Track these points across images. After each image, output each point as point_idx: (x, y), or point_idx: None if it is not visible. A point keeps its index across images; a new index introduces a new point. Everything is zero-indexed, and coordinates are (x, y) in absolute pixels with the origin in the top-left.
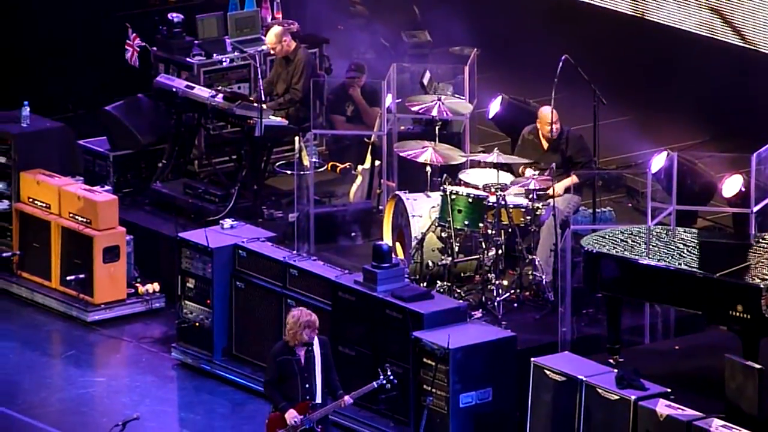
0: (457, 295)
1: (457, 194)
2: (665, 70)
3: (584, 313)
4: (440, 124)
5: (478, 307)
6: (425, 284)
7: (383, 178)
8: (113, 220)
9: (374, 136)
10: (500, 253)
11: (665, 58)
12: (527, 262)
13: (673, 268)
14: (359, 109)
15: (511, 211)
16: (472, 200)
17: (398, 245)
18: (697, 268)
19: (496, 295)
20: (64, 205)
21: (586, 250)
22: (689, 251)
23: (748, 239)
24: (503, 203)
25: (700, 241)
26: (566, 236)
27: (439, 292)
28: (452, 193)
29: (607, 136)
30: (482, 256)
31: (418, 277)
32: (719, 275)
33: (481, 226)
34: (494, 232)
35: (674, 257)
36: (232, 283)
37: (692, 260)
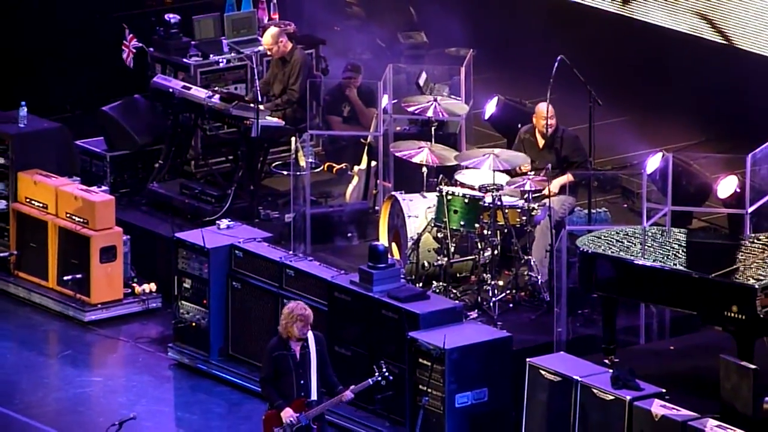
0: (452, 295)
1: (453, 195)
2: (661, 71)
3: (579, 313)
4: (436, 124)
5: (473, 307)
6: (421, 284)
7: (379, 178)
8: (110, 220)
9: (370, 136)
10: (496, 253)
11: (660, 59)
12: (523, 262)
13: (668, 268)
14: (355, 109)
15: (506, 211)
16: (468, 201)
17: (394, 246)
18: (691, 268)
19: (491, 295)
20: (61, 205)
21: (581, 250)
22: (684, 252)
23: (742, 240)
24: (499, 204)
25: (694, 241)
26: (562, 237)
27: (434, 292)
28: (448, 193)
29: (602, 136)
30: (478, 256)
31: (414, 277)
32: (714, 276)
33: (476, 226)
34: (490, 232)
35: (669, 258)
36: (228, 283)
37: (687, 261)
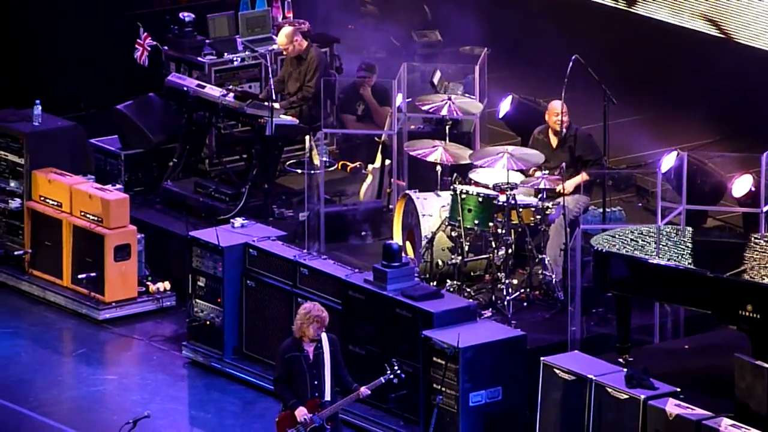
0: (466, 294)
1: (467, 193)
2: (675, 70)
3: (594, 312)
4: (450, 123)
5: (487, 306)
6: (435, 283)
7: (393, 177)
8: (124, 218)
9: (384, 135)
10: (510, 252)
11: (675, 58)
12: (537, 261)
13: (682, 267)
14: (370, 108)
15: (521, 210)
16: (482, 199)
17: (408, 244)
18: (704, 267)
19: (505, 294)
20: (75, 203)
21: (595, 249)
22: (698, 251)
23: (755, 238)
24: (513, 202)
25: (707, 240)
26: (576, 235)
27: (449, 291)
28: (462, 192)
29: (617, 135)
30: (492, 255)
31: (428, 276)
32: (729, 275)
33: (491, 225)
34: (504, 231)
35: (684, 257)
36: (242, 281)
37: (700, 260)
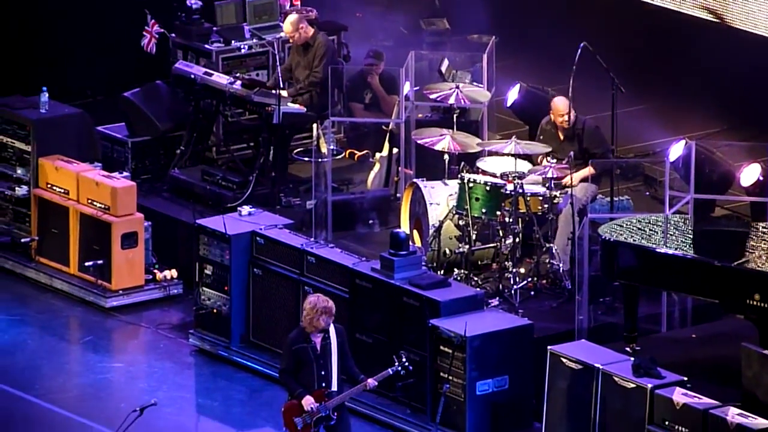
0: (474, 283)
1: (474, 182)
2: (684, 58)
3: (601, 301)
4: (458, 112)
5: (495, 295)
6: (442, 272)
7: (401, 165)
8: (131, 206)
9: (392, 123)
10: (517, 241)
11: (684, 46)
12: (544, 250)
13: (690, 256)
14: (377, 96)
15: (528, 199)
16: (489, 188)
17: (415, 233)
18: (709, 256)
19: (513, 283)
20: (82, 191)
21: (603, 238)
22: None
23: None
24: (521, 191)
25: (712, 230)
26: (584, 224)
27: (456, 279)
28: (470, 181)
29: (625, 124)
30: (499, 244)
31: (435, 264)
32: (736, 264)
33: (498, 214)
34: (511, 220)
35: (691, 246)
36: (249, 270)
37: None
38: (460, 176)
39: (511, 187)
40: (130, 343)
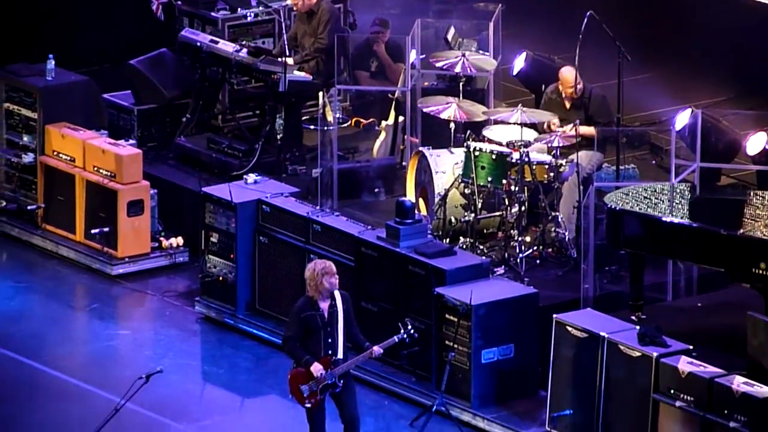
0: (479, 251)
1: (480, 151)
2: (690, 26)
3: (607, 269)
4: (464, 80)
5: (500, 263)
6: (448, 240)
7: (407, 134)
8: (137, 174)
9: (398, 91)
10: (523, 209)
11: (690, 14)
12: (550, 218)
13: (696, 225)
14: (383, 64)
15: (534, 167)
16: (495, 157)
17: (421, 201)
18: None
19: (518, 251)
20: (88, 158)
21: (609, 207)
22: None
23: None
24: (526, 160)
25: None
26: (589, 193)
27: (461, 248)
28: (476, 149)
29: (631, 93)
30: (505, 212)
31: (440, 233)
32: (742, 232)
33: (504, 182)
34: (517, 188)
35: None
36: (255, 238)
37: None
38: (465, 145)
39: (516, 155)
40: (136, 310)
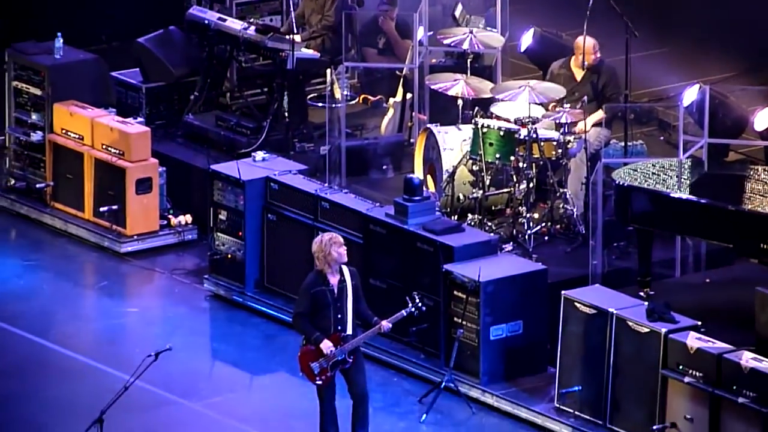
0: (488, 228)
1: (488, 127)
2: (698, 1)
3: (615, 246)
4: (472, 56)
5: (508, 240)
6: (456, 217)
7: (415, 111)
8: (146, 151)
9: (406, 68)
10: (531, 186)
11: None
12: (558, 195)
13: (704, 201)
14: (391, 41)
15: (542, 144)
16: (503, 133)
17: (429, 178)
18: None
19: (526, 228)
20: (96, 136)
21: (617, 183)
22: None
23: None
24: (534, 136)
25: (721, 174)
26: (597, 169)
27: (470, 225)
28: (484, 126)
29: (639, 69)
30: (513, 189)
31: (449, 210)
32: (750, 208)
33: (512, 159)
34: (525, 165)
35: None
36: (263, 215)
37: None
38: (473, 121)
39: (525, 132)
40: (144, 288)
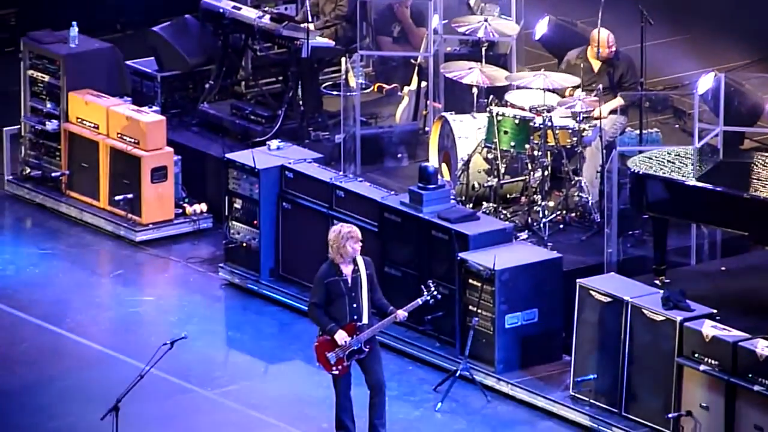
0: (503, 216)
1: (503, 116)
2: None
3: (630, 234)
4: (487, 45)
5: (524, 228)
6: (471, 205)
7: (429, 99)
8: (161, 140)
9: (421, 57)
10: (546, 174)
11: None
12: (573, 183)
13: (719, 189)
14: (406, 29)
15: (557, 132)
16: (518, 121)
17: (444, 166)
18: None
19: (542, 216)
20: (112, 125)
21: (632, 171)
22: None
23: None
24: (549, 124)
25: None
26: (612, 157)
27: (485, 213)
28: (498, 114)
29: (654, 56)
30: (528, 177)
31: (464, 198)
32: (766, 196)
33: (527, 147)
34: (540, 153)
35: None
36: (278, 203)
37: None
38: (488, 110)
39: (539, 120)
40: (160, 276)
